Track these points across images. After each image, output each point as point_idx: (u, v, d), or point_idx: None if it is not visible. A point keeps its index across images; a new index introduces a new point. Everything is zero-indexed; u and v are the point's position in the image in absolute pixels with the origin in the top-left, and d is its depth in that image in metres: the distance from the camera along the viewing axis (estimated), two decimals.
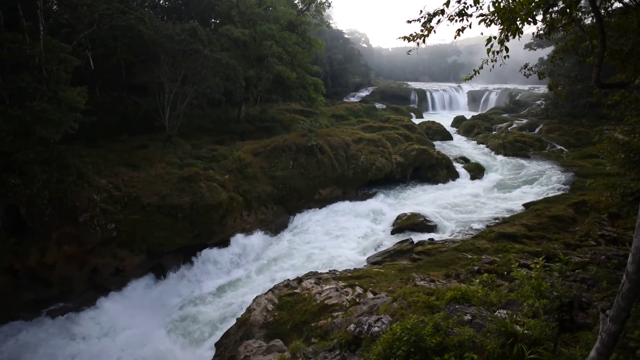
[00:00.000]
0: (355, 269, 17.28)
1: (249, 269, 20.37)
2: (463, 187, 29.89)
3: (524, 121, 49.10)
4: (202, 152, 25.31)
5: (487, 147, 41.35)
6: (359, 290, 13.88)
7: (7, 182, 15.76)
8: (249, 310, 14.31)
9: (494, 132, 46.37)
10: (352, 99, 67.42)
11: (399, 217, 23.23)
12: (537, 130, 45.15)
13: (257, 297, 15.03)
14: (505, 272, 12.66)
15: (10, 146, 15.66)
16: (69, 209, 17.35)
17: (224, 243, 21.40)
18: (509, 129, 46.74)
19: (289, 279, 16.01)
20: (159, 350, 15.08)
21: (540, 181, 29.29)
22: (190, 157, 24.19)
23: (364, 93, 74.42)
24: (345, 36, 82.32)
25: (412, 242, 19.75)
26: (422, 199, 27.37)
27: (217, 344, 14.21)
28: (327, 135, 29.89)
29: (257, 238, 22.45)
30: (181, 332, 16.24)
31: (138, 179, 20.01)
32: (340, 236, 22.78)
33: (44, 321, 16.47)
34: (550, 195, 25.40)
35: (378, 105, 59.51)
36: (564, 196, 24.20)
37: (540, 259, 6.30)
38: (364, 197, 28.63)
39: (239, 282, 19.40)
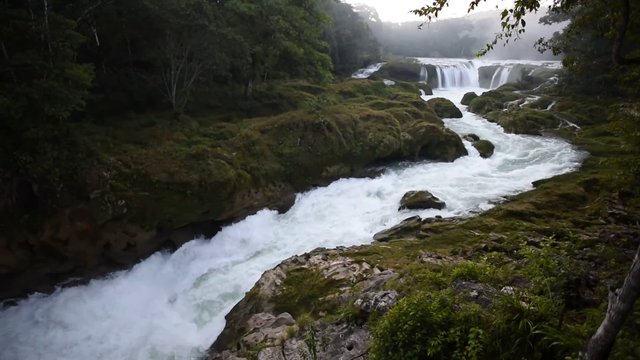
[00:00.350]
0: (362, 245, 17.45)
1: (259, 243, 20.68)
2: (472, 165, 29.65)
3: (536, 98, 48.01)
4: (209, 130, 25.29)
5: (498, 124, 40.69)
6: (365, 266, 14.06)
7: (19, 160, 15.97)
8: (258, 284, 14.62)
9: (504, 110, 45.50)
10: (361, 75, 66.25)
11: (406, 195, 23.22)
12: (549, 107, 44.18)
13: (265, 272, 15.32)
14: (515, 250, 12.68)
15: (20, 124, 15.74)
16: (80, 185, 17.61)
17: (234, 220, 21.70)
18: (520, 106, 45.79)
19: (296, 255, 16.26)
20: (169, 323, 15.54)
21: (550, 159, 28.90)
22: (198, 135, 24.20)
23: (372, 69, 73.01)
24: (354, 10, 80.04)
25: (420, 219, 19.80)
26: (430, 177, 27.25)
27: (227, 317, 14.62)
28: (334, 112, 29.61)
29: (264, 215, 22.67)
30: (192, 306, 16.68)
31: (146, 156, 20.14)
32: (347, 213, 22.90)
33: (57, 295, 17.01)
34: (560, 173, 25.12)
35: (387, 82, 58.49)
36: (574, 174, 23.91)
37: (551, 237, 6.26)
38: (371, 174, 28.57)
39: (249, 256, 19.72)
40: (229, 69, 27.27)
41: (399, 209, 22.37)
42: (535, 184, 23.68)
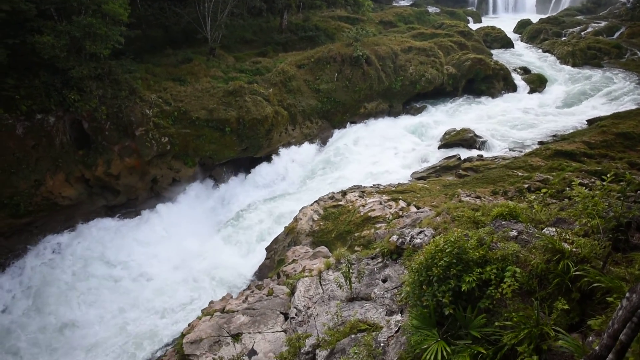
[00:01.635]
0: (399, 183, 17.41)
1: (297, 179, 21.18)
2: (520, 101, 27.78)
3: (602, 24, 42.74)
4: (245, 65, 24.94)
5: (554, 55, 37.01)
6: (402, 204, 14.11)
7: (68, 98, 16.82)
8: (296, 219, 15.19)
9: (563, 38, 41.06)
10: (403, 3, 61.28)
11: (447, 132, 22.42)
12: (616, 34, 39.38)
13: (303, 207, 15.80)
14: (565, 189, 12.10)
15: (65, 62, 16.30)
16: (126, 123, 18.36)
17: (270, 157, 22.14)
18: (582, 33, 41.12)
19: (333, 192, 16.53)
20: (213, 252, 16.73)
21: (611, 94, 26.42)
22: (234, 71, 23.99)
23: None
24: None
25: (460, 158, 19.27)
26: (473, 114, 25.94)
27: (267, 249, 15.50)
28: (374, 45, 28.05)
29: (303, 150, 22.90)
30: (234, 237, 17.75)
31: (185, 93, 20.41)
32: (385, 151, 22.62)
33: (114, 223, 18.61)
34: (621, 110, 23.04)
35: (431, 9, 53.87)
36: (637, 111, 21.88)
37: (609, 175, 5.86)
38: (411, 111, 27.60)
39: (287, 192, 20.33)
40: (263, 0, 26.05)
41: (438, 147, 21.79)
42: (590, 121, 22.01)
